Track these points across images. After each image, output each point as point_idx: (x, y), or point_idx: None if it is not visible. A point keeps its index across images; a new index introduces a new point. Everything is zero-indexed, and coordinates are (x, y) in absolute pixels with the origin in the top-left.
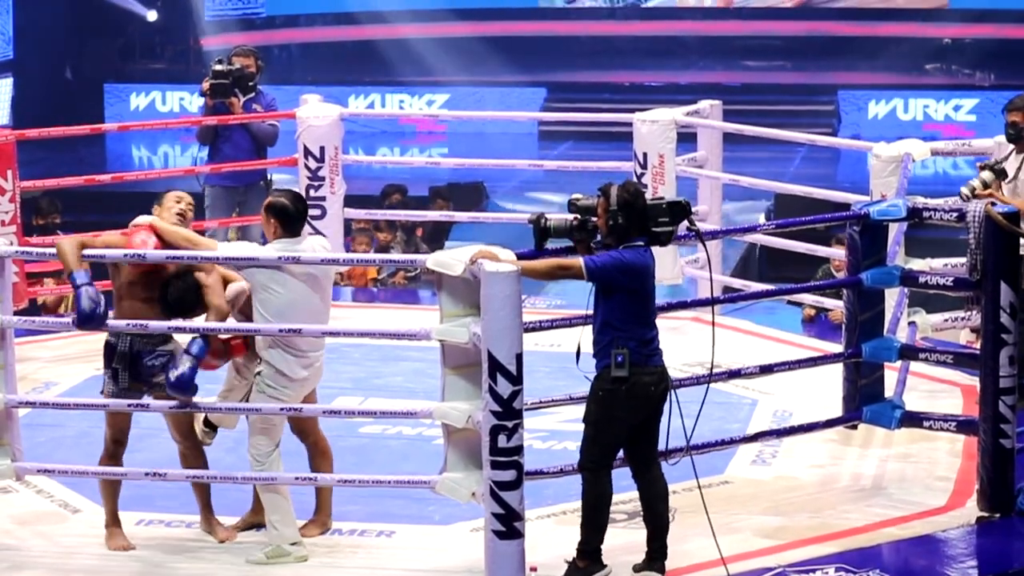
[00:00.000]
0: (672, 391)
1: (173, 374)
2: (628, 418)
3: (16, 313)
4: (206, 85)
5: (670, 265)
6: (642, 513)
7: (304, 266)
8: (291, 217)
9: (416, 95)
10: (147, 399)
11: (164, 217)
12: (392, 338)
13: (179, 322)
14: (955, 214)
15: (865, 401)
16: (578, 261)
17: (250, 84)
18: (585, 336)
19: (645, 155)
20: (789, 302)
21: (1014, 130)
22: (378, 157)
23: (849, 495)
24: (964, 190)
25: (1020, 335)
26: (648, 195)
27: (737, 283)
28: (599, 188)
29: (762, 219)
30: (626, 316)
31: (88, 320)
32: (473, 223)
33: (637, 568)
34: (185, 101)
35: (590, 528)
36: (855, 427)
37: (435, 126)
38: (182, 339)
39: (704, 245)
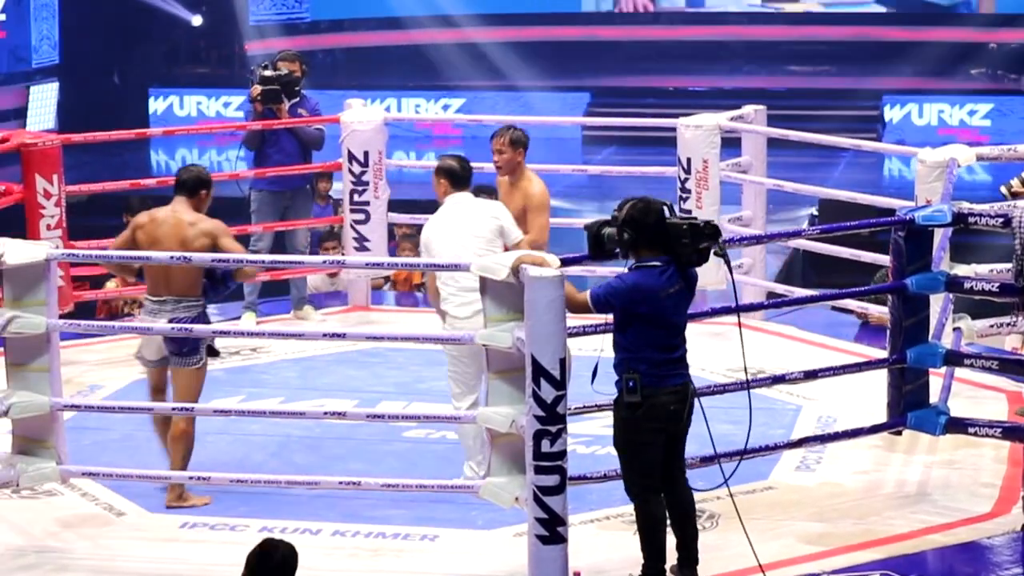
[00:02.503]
0: (698, 400)
1: None
2: (652, 440)
3: (62, 316)
4: (257, 91)
5: (713, 270)
6: (669, 524)
7: (454, 216)
8: (459, 177)
9: (432, 99)
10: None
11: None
12: (436, 342)
13: None
14: (1000, 219)
15: (910, 407)
16: (584, 295)
17: (296, 89)
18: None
19: (689, 160)
20: (834, 307)
21: None
22: (422, 161)
23: (893, 501)
24: (1003, 189)
25: None
26: (691, 201)
27: (780, 288)
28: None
29: (806, 225)
30: (638, 340)
31: None
32: None
33: (671, 569)
34: (203, 105)
35: (648, 551)
36: (900, 433)
37: (450, 130)
38: None
39: (730, 269)
